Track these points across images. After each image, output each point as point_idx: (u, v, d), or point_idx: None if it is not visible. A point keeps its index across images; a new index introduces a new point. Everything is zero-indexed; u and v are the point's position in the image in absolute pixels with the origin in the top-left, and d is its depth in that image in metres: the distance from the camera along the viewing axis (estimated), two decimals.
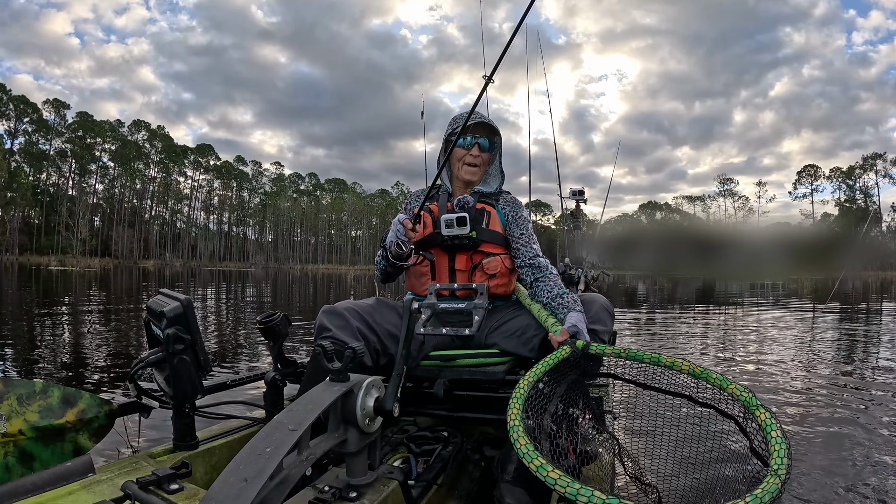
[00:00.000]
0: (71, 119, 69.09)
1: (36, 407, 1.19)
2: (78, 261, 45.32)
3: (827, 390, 3.48)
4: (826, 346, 5.50)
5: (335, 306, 1.45)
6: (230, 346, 4.90)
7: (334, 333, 1.38)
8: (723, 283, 18.14)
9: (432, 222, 1.63)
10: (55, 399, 1.22)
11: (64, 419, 1.20)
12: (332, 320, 1.41)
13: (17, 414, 1.15)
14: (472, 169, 1.67)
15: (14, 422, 1.14)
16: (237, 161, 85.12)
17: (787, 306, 11.29)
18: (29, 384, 1.22)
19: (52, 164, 67.08)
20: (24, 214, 62.57)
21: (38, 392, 1.21)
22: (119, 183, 72.65)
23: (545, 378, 1.13)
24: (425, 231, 1.65)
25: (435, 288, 1.52)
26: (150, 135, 75.16)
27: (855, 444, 2.42)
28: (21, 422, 1.15)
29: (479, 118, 1.66)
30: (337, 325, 1.40)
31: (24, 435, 1.14)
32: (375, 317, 1.48)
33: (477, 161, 1.67)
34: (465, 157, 1.67)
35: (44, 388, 1.23)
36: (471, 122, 1.62)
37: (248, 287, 18.51)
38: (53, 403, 1.21)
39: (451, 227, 1.53)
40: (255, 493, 0.62)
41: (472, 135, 1.66)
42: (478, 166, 1.68)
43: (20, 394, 1.18)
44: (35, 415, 1.18)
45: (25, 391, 1.20)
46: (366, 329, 1.45)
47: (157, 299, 1.32)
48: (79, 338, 5.29)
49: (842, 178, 72.30)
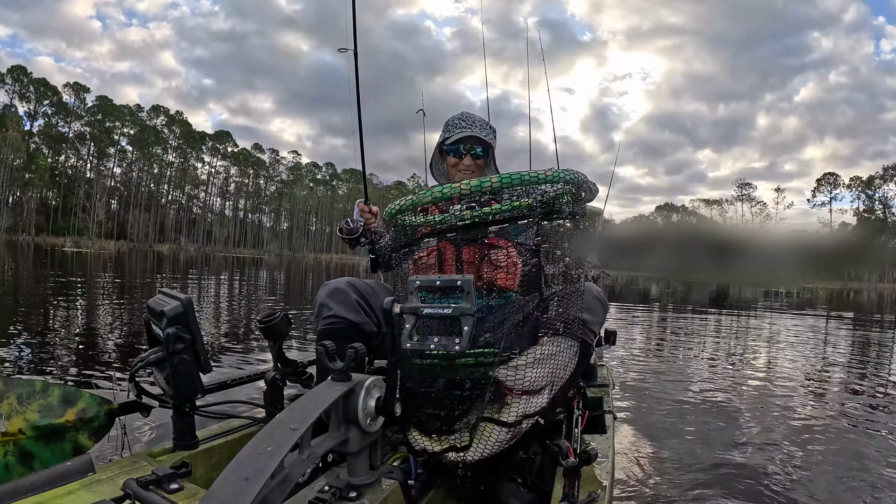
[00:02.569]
0: (91, 103, 69.38)
1: (36, 406, 1.19)
2: (93, 242, 45.49)
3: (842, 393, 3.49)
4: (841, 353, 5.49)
5: (335, 282, 1.54)
6: (238, 337, 4.90)
7: (335, 311, 1.48)
8: (737, 289, 18.12)
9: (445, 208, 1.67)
10: (55, 398, 1.22)
11: (64, 418, 1.20)
12: (332, 296, 1.50)
13: (16, 413, 1.15)
14: (469, 174, 1.71)
15: (14, 421, 1.14)
16: (255, 149, 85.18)
17: (803, 314, 11.27)
18: (29, 383, 1.22)
19: (70, 146, 67.28)
20: (41, 195, 62.95)
21: (38, 391, 1.21)
22: (137, 167, 72.78)
23: None
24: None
25: (416, 285, 1.30)
26: (169, 120, 75.27)
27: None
28: (21, 421, 1.15)
29: (471, 130, 1.68)
30: (338, 301, 1.49)
31: (23, 434, 1.14)
32: (373, 297, 1.55)
33: (471, 168, 1.71)
34: (458, 166, 1.71)
35: (44, 388, 1.23)
36: (462, 136, 1.68)
37: (262, 272, 18.72)
38: (53, 402, 1.21)
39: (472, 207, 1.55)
40: (256, 492, 0.62)
41: (464, 145, 1.69)
42: (473, 172, 1.71)
43: (20, 393, 1.18)
44: (35, 414, 1.17)
45: (25, 390, 1.20)
46: (364, 304, 1.53)
47: (157, 298, 1.32)
48: (90, 319, 5.31)
49: (861, 187, 71.32)
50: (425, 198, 1.22)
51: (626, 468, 2.21)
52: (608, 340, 2.83)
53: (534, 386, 1.18)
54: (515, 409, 1.17)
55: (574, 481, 1.04)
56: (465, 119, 1.72)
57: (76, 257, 21.70)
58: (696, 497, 1.98)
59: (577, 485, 1.04)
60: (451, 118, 1.76)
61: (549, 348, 1.21)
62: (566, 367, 1.24)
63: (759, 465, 2.28)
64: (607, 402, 1.72)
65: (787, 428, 2.85)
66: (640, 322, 8.26)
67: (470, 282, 1.10)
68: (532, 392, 1.18)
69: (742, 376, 4.30)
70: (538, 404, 1.18)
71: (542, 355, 1.20)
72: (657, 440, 2.58)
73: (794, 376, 4.33)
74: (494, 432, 1.15)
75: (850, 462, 2.35)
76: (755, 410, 3.22)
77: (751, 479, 2.12)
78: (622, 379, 3.79)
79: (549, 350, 1.21)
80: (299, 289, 13.43)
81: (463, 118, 1.73)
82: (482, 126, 1.71)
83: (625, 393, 3.48)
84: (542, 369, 1.19)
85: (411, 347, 1.16)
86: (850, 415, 3.19)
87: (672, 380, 4.00)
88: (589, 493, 1.05)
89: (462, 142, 1.69)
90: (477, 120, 1.73)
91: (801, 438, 2.66)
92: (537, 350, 1.20)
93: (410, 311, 1.12)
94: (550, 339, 1.22)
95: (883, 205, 69.93)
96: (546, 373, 1.19)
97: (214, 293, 10.33)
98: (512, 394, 1.19)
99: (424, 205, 1.26)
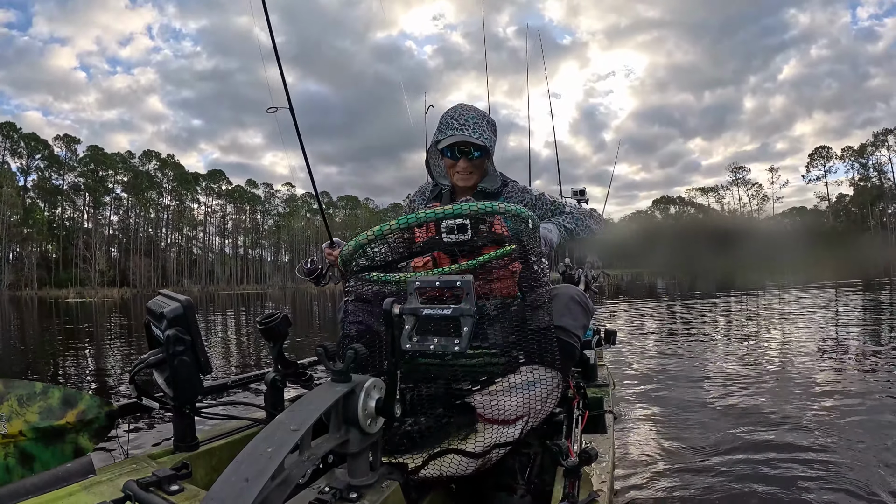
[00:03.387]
0: (82, 153, 69.60)
1: (36, 408, 1.19)
2: (97, 292, 45.71)
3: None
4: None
5: None
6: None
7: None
8: (741, 276, 18.06)
9: (435, 225, 1.63)
10: (55, 400, 1.22)
11: (64, 420, 1.20)
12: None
13: (17, 415, 1.15)
14: (465, 176, 1.65)
15: (14, 423, 1.14)
16: (248, 184, 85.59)
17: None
18: (29, 385, 1.22)
19: (66, 198, 67.55)
20: (41, 249, 63.23)
21: (39, 393, 1.21)
22: (133, 213, 73.15)
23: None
24: (427, 234, 1.65)
25: (415, 285, 1.28)
26: (161, 164, 75.66)
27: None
28: (21, 423, 1.15)
29: (462, 133, 1.58)
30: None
31: (24, 436, 1.14)
32: None
33: (468, 170, 1.64)
34: (455, 167, 1.64)
35: (44, 390, 1.23)
36: (452, 141, 1.59)
37: (268, 306, 18.92)
38: (54, 404, 1.21)
39: (452, 233, 1.53)
40: (256, 493, 0.62)
41: (458, 146, 1.61)
42: (471, 173, 1.64)
43: (20, 395, 1.18)
44: (35, 416, 1.18)
45: (26, 392, 1.20)
46: None
47: (157, 300, 1.32)
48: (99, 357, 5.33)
49: (854, 156, 70.98)
50: (367, 237, 1.20)
51: (626, 469, 2.21)
52: (608, 340, 2.83)
53: (507, 415, 1.13)
54: (483, 437, 1.12)
55: (574, 481, 1.04)
56: (458, 118, 1.62)
57: (80, 307, 21.72)
58: (696, 497, 1.98)
59: (577, 485, 1.04)
60: (445, 115, 1.66)
61: (527, 377, 1.15)
62: (545, 401, 1.16)
63: (765, 463, 2.28)
64: (607, 402, 1.72)
65: (800, 423, 2.84)
66: (649, 315, 8.27)
67: (470, 282, 1.08)
68: (505, 422, 1.13)
69: (753, 365, 4.29)
70: (510, 435, 1.13)
71: (519, 383, 1.14)
72: (662, 431, 2.58)
73: (808, 364, 4.31)
74: (455, 462, 1.11)
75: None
76: (765, 402, 3.21)
77: (754, 478, 2.12)
78: (632, 372, 3.77)
79: (527, 378, 1.15)
80: (306, 318, 13.49)
81: (456, 116, 1.63)
82: (476, 124, 1.61)
83: (630, 390, 3.48)
84: (518, 398, 1.13)
85: (411, 348, 1.15)
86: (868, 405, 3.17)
87: (681, 373, 3.99)
88: (589, 493, 1.05)
89: (454, 146, 1.62)
90: (472, 117, 1.62)
91: (813, 433, 2.66)
92: (515, 378, 1.15)
93: (410, 312, 1.10)
94: (529, 368, 1.16)
95: (878, 171, 69.64)
96: (521, 402, 1.13)
97: (222, 330, 10.43)
98: (483, 420, 1.15)
99: (365, 245, 1.22)
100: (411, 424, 1.18)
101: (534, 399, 1.14)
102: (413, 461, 1.11)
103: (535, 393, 1.14)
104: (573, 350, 1.36)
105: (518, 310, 1.22)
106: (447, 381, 1.19)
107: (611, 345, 2.84)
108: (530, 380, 1.15)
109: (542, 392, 1.15)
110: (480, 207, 1.16)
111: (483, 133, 1.60)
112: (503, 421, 1.13)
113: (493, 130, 1.66)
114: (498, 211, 1.18)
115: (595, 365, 2.12)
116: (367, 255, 1.26)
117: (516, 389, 1.14)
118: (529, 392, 1.14)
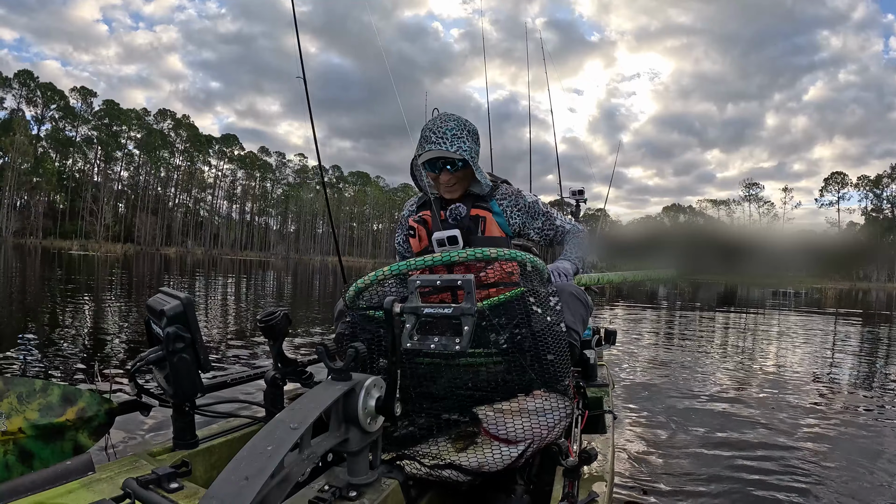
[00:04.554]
0: (97, 107, 69.90)
1: (36, 405, 1.19)
2: (100, 246, 45.59)
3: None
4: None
5: None
6: (244, 337, 4.91)
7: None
8: (745, 289, 18.11)
9: (427, 235, 1.62)
10: (55, 397, 1.22)
11: (64, 417, 1.20)
12: None
13: (16, 412, 1.15)
14: (450, 188, 1.64)
15: (14, 420, 1.14)
16: (261, 152, 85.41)
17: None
18: (29, 382, 1.22)
19: (78, 150, 67.72)
20: (49, 199, 63.47)
21: (38, 390, 1.21)
22: (144, 171, 73.18)
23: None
24: (421, 245, 1.65)
25: (416, 285, 1.27)
26: (176, 124, 75.61)
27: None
28: (21, 420, 1.15)
29: (439, 148, 1.55)
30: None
31: (23, 433, 1.14)
32: None
33: (451, 182, 1.62)
34: (439, 180, 1.62)
35: (44, 387, 1.23)
36: (430, 157, 1.58)
37: (269, 275, 18.93)
38: (53, 401, 1.21)
39: (443, 245, 1.52)
40: (256, 492, 0.62)
41: (438, 159, 1.58)
42: (454, 185, 1.63)
43: (20, 392, 1.18)
44: (35, 413, 1.18)
45: (25, 389, 1.20)
46: None
47: (156, 298, 1.32)
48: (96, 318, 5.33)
49: (869, 186, 70.74)
50: (365, 282, 1.21)
51: (627, 467, 2.21)
52: (608, 340, 2.83)
53: (511, 437, 1.12)
54: (483, 453, 1.12)
55: (574, 481, 1.04)
56: (436, 130, 1.57)
57: (83, 260, 21.79)
58: (696, 497, 1.98)
59: (576, 485, 1.04)
60: (424, 128, 1.62)
61: (542, 404, 1.13)
62: (552, 429, 1.14)
63: (762, 466, 2.28)
64: (607, 402, 1.72)
65: (795, 429, 2.85)
66: (647, 321, 8.27)
67: (471, 282, 1.08)
68: (507, 441, 1.12)
69: (750, 375, 4.30)
70: (510, 456, 1.12)
71: (532, 408, 1.13)
72: (659, 438, 2.58)
73: (804, 376, 4.32)
74: (447, 474, 1.11)
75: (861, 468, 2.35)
76: (761, 408, 3.22)
77: (754, 479, 2.13)
78: (631, 374, 3.79)
79: (541, 406, 1.13)
80: (307, 290, 13.50)
81: (434, 129, 1.58)
82: (455, 136, 1.56)
83: (631, 391, 3.48)
84: (527, 422, 1.12)
85: (411, 347, 1.15)
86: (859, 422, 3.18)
87: (679, 379, 4.00)
88: (589, 493, 1.04)
89: (433, 161, 1.60)
90: (450, 129, 1.57)
91: (808, 438, 2.66)
92: (528, 403, 1.13)
93: (411, 311, 1.10)
94: (546, 396, 1.14)
95: (891, 204, 69.30)
96: (529, 427, 1.12)
97: (221, 295, 10.46)
98: (486, 434, 1.14)
99: (363, 290, 1.22)
100: (411, 425, 1.18)
101: (542, 426, 1.13)
102: (411, 468, 1.11)
103: (544, 420, 1.13)
104: (572, 346, 1.36)
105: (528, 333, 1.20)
106: (452, 384, 1.19)
107: (611, 345, 2.84)
108: (545, 408, 1.14)
109: (551, 421, 1.14)
110: (469, 254, 1.14)
111: (462, 145, 1.56)
112: (506, 440, 1.12)
113: (474, 140, 1.62)
114: (490, 258, 1.15)
115: (595, 365, 2.12)
116: (365, 298, 1.27)
117: (527, 414, 1.12)
118: (540, 419, 1.13)
